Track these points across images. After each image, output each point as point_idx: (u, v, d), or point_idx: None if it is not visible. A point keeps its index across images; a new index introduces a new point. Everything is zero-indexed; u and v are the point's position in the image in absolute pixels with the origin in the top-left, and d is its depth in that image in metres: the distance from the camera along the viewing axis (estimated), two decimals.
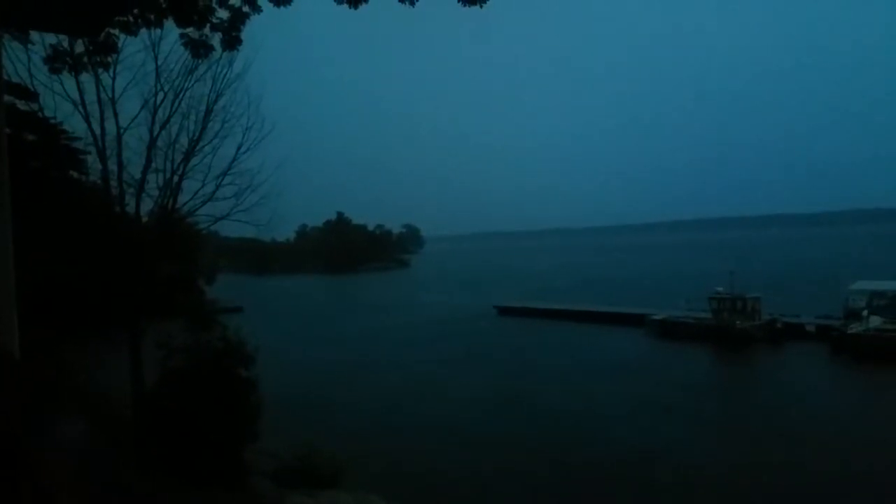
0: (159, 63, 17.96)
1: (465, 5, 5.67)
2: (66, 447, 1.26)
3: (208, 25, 6.74)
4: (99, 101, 17.44)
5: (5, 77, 8.71)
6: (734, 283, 44.81)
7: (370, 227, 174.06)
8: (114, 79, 17.17)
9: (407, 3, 5.80)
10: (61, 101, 17.08)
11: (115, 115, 17.80)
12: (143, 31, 7.32)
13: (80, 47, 9.75)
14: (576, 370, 35.15)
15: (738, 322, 42.11)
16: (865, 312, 40.25)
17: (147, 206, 19.41)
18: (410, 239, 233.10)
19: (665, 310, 49.48)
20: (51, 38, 8.32)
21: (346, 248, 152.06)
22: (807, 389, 29.85)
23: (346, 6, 5.96)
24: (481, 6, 5.75)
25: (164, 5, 6.39)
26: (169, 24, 6.84)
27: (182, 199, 19.33)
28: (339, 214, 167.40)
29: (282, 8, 6.22)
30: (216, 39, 7.14)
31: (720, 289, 45.35)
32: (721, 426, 25.26)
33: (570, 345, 43.70)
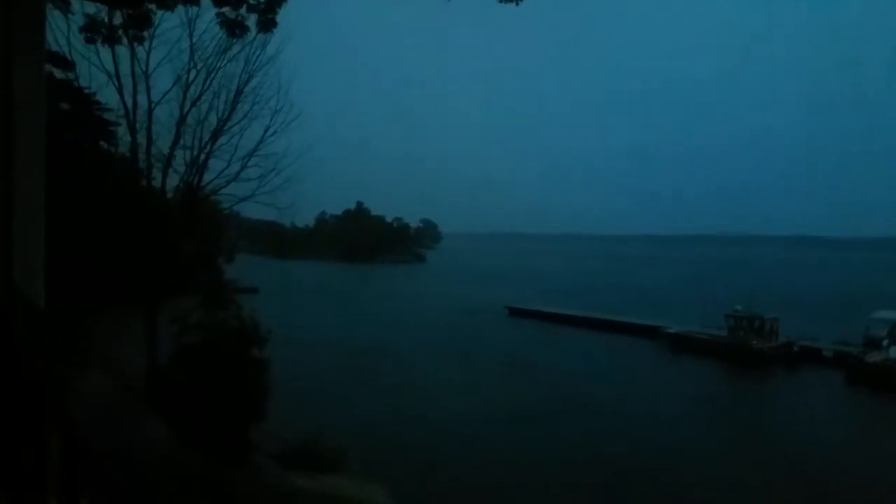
0: (194, 40, 18.19)
1: (501, 0, 5.66)
2: (91, 400, 1.30)
3: (245, 6, 6.80)
4: (133, 74, 17.67)
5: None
6: (753, 302, 44.27)
7: (388, 220, 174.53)
8: (148, 53, 17.39)
9: None
10: (96, 72, 17.34)
11: (148, 89, 18.05)
12: (180, 7, 7.40)
13: (118, 19, 9.88)
14: (589, 382, 35.09)
15: (754, 342, 41.68)
16: (886, 342, 39.58)
17: (173, 182, 19.64)
18: (428, 234, 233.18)
19: (681, 323, 49.10)
20: (90, 8, 8.43)
21: (364, 238, 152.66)
22: (816, 417, 29.47)
23: None
24: (517, 4, 5.73)
25: None
26: (206, 2, 6.91)
27: (207, 177, 19.55)
28: (359, 204, 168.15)
29: None
30: (252, 20, 7.21)
31: (738, 307, 44.76)
32: (729, 444, 25.11)
33: (582, 354, 43.44)
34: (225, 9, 6.94)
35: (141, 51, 17.17)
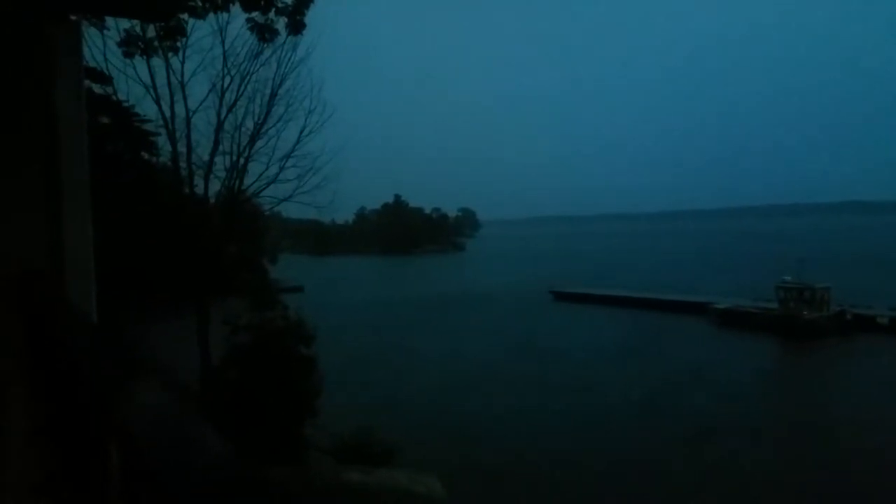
0: (226, 47, 18.42)
1: None
2: (148, 410, 1.33)
3: (273, 10, 6.86)
4: (169, 84, 18.02)
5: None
6: (802, 271, 43.01)
7: (427, 211, 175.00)
8: (183, 63, 17.70)
9: None
10: (133, 84, 17.74)
11: (185, 98, 18.40)
12: (211, 15, 7.50)
13: (151, 32, 10.08)
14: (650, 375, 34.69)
15: (805, 313, 40.50)
16: None
17: (214, 187, 19.99)
18: (467, 222, 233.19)
19: (728, 298, 48.08)
20: (125, 24, 8.61)
21: (404, 230, 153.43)
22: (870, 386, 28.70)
23: None
24: None
25: None
26: (236, 8, 6.99)
27: (247, 181, 19.83)
28: (397, 197, 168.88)
29: None
30: (281, 24, 7.27)
31: (788, 277, 43.52)
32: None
33: (640, 337, 42.73)
34: (254, 14, 7.02)
35: (175, 61, 17.52)
